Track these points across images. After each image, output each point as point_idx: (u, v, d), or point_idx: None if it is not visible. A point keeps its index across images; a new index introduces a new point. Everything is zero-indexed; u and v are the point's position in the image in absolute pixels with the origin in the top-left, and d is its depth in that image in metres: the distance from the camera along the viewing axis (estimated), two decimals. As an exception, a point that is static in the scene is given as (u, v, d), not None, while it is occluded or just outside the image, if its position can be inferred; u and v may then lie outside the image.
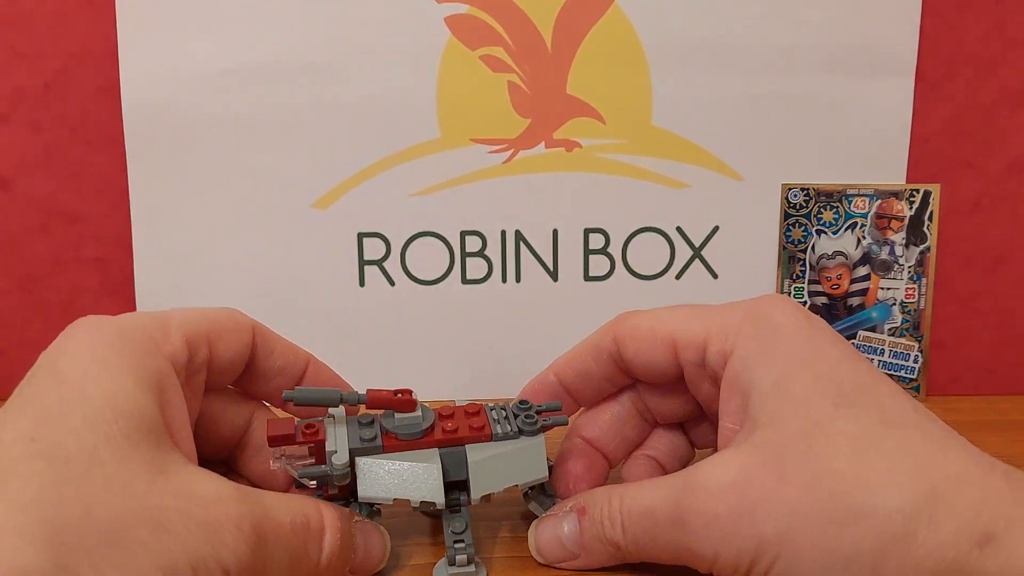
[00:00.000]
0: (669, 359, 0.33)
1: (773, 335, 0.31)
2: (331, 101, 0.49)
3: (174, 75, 0.48)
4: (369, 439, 0.33)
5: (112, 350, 0.28)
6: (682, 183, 0.51)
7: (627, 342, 0.34)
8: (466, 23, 0.49)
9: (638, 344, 0.34)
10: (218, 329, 0.32)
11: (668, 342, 0.33)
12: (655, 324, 0.34)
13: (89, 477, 0.25)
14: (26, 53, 0.49)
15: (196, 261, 0.50)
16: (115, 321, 0.30)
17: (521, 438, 0.34)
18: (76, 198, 0.51)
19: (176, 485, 0.26)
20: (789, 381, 0.29)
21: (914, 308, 0.51)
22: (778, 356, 0.30)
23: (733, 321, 0.32)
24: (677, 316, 0.34)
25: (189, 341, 0.31)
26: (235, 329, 0.33)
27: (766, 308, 0.32)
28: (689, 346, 0.33)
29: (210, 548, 0.26)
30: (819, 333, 0.31)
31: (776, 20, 0.49)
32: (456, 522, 0.33)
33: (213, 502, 0.26)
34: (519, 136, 0.50)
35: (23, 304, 0.51)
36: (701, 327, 0.32)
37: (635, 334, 0.34)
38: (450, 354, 0.52)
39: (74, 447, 0.25)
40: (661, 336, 0.33)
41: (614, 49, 0.49)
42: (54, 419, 0.26)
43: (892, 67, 0.50)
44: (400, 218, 0.51)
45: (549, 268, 0.52)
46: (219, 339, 0.32)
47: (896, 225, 0.51)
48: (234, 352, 0.33)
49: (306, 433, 0.32)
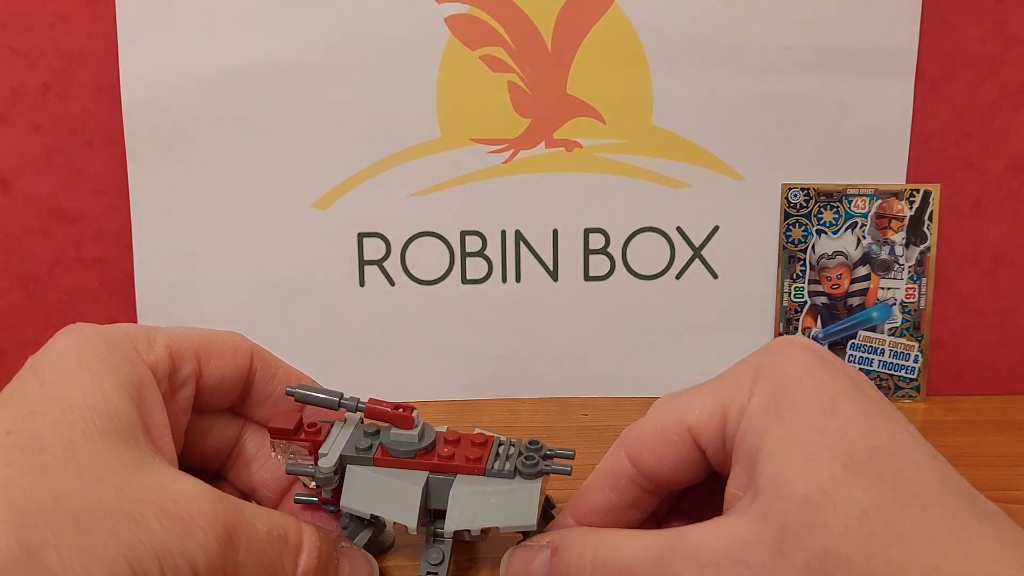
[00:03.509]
0: (692, 451, 0.29)
1: (783, 388, 0.27)
2: (331, 101, 0.49)
3: (174, 75, 0.48)
4: (364, 448, 0.32)
5: (95, 355, 0.29)
6: (682, 183, 0.51)
7: (642, 453, 0.30)
8: (466, 23, 0.49)
9: (654, 449, 0.30)
10: (211, 348, 0.32)
11: (683, 433, 0.29)
12: (663, 421, 0.30)
13: (63, 467, 0.25)
14: (26, 53, 0.49)
15: (196, 261, 0.50)
16: (101, 329, 0.30)
17: (516, 479, 0.32)
18: (76, 198, 0.51)
19: (151, 480, 0.26)
20: (795, 439, 0.26)
21: (914, 308, 0.51)
22: (786, 411, 0.27)
23: (744, 382, 0.28)
24: (685, 400, 0.30)
25: (174, 353, 0.31)
26: (231, 351, 0.33)
27: (776, 358, 0.28)
28: (707, 428, 0.29)
29: (179, 543, 0.25)
30: (835, 380, 0.27)
31: (776, 20, 0.49)
32: (433, 552, 0.32)
33: (187, 498, 0.26)
34: (519, 136, 0.50)
35: (23, 304, 0.51)
36: (714, 403, 0.29)
37: (647, 440, 0.30)
38: (450, 354, 0.52)
39: (50, 440, 0.26)
40: (674, 430, 0.29)
41: (614, 49, 0.49)
42: (33, 415, 0.26)
43: (892, 67, 0.50)
44: (400, 218, 0.51)
45: (549, 268, 0.52)
46: (211, 357, 0.32)
47: (896, 225, 0.51)
48: (227, 372, 0.33)
49: (308, 431, 0.32)
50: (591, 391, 0.53)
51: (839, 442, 0.25)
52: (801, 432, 0.26)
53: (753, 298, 0.52)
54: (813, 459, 0.25)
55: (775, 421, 0.27)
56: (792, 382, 0.27)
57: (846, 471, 0.25)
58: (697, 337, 0.52)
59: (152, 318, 0.51)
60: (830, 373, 0.28)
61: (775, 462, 0.26)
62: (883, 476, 0.25)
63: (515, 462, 0.33)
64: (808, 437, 0.26)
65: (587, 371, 0.53)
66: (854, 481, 0.24)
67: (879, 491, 0.24)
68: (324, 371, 0.51)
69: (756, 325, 0.52)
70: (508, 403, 0.52)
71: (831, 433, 0.26)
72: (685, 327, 0.52)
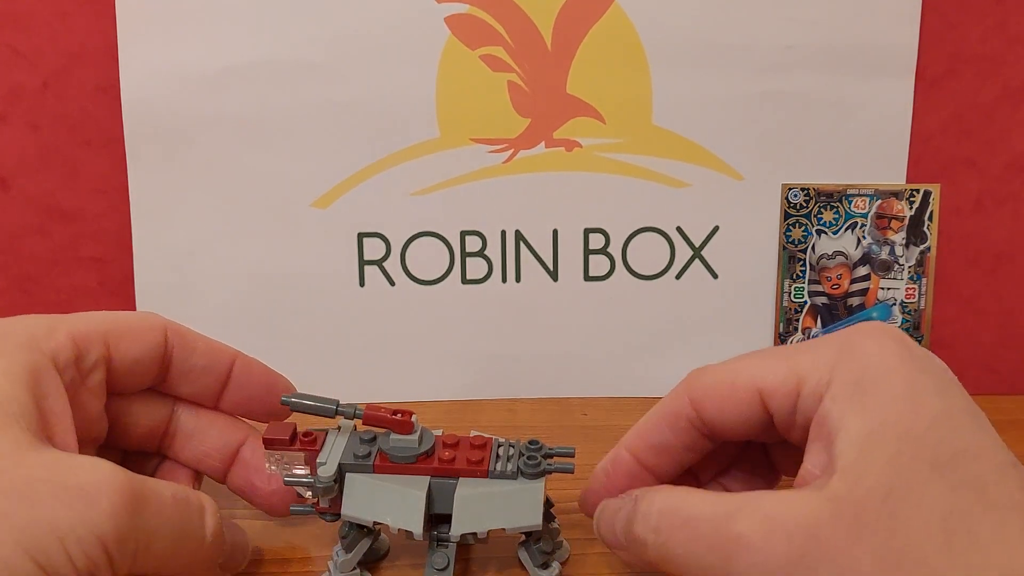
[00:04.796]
0: (758, 412, 0.29)
1: (868, 375, 0.27)
2: (331, 101, 0.49)
3: (174, 75, 0.48)
4: (362, 456, 0.32)
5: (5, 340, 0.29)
6: (682, 183, 0.51)
7: (705, 402, 0.30)
8: (466, 23, 0.49)
9: (719, 402, 0.30)
10: (120, 329, 0.32)
11: (753, 392, 0.29)
12: (734, 376, 0.30)
13: None
14: (26, 53, 0.49)
15: (196, 261, 0.50)
16: (2, 321, 0.31)
17: (519, 480, 0.32)
18: (75, 198, 0.50)
19: (47, 459, 0.26)
20: (881, 431, 0.26)
21: (914, 308, 0.51)
22: (871, 401, 0.26)
23: (826, 358, 0.28)
24: (757, 362, 0.30)
25: (76, 339, 0.31)
26: (142, 329, 0.33)
27: (862, 342, 0.28)
28: (777, 393, 0.29)
29: (83, 516, 0.25)
30: (922, 376, 0.27)
31: (776, 20, 0.49)
32: (438, 557, 0.32)
33: (88, 469, 0.26)
34: (519, 136, 0.50)
35: (22, 304, 0.51)
36: (789, 370, 0.29)
37: (713, 391, 0.30)
38: (450, 354, 0.52)
39: None
40: (744, 388, 0.29)
41: (614, 49, 0.49)
42: None
43: (892, 67, 0.50)
44: (400, 218, 0.51)
45: (549, 268, 0.52)
46: (120, 339, 0.32)
47: (896, 225, 0.51)
48: (140, 352, 0.33)
49: (303, 440, 0.32)
50: (591, 391, 0.53)
51: (926, 442, 0.25)
52: (888, 426, 0.26)
53: (753, 298, 0.52)
54: (899, 455, 0.25)
55: (860, 409, 0.26)
56: (879, 371, 0.27)
57: (932, 471, 0.24)
58: (697, 337, 0.52)
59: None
60: (918, 367, 0.27)
61: (859, 450, 0.25)
62: (966, 480, 0.24)
63: (517, 463, 0.33)
64: (894, 433, 0.25)
65: (587, 371, 0.53)
66: (939, 482, 0.24)
67: (961, 495, 0.24)
68: (324, 371, 0.52)
69: (756, 325, 0.52)
70: (508, 403, 0.52)
71: (918, 432, 0.25)
72: (685, 327, 0.52)
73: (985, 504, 0.24)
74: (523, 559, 0.34)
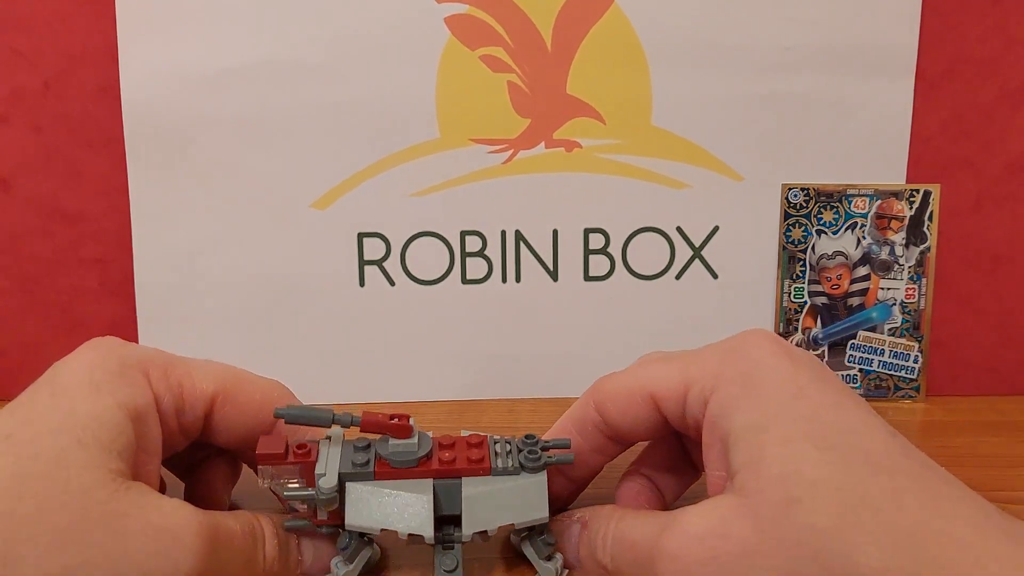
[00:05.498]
0: (653, 414, 0.32)
1: (752, 375, 0.29)
2: (331, 101, 0.49)
3: (174, 75, 0.48)
4: (361, 464, 0.31)
5: (106, 373, 0.30)
6: (682, 183, 0.51)
7: (607, 407, 0.33)
8: (466, 23, 0.49)
9: (619, 406, 0.32)
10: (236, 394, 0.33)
11: (647, 397, 0.32)
12: (631, 382, 0.32)
13: (51, 476, 0.26)
14: (26, 53, 0.49)
15: (196, 261, 0.50)
16: (121, 349, 0.32)
17: (522, 474, 0.32)
18: (76, 198, 0.51)
19: (136, 495, 0.28)
20: (768, 423, 0.28)
21: (914, 308, 0.51)
22: (757, 397, 0.29)
23: (711, 364, 0.30)
24: (653, 369, 0.32)
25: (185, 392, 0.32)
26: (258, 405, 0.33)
27: (744, 346, 0.30)
28: (669, 398, 0.31)
29: (166, 553, 0.27)
30: (803, 371, 0.29)
31: (776, 20, 0.49)
32: (447, 559, 0.32)
33: (171, 511, 0.28)
34: (519, 136, 0.50)
35: (23, 304, 0.51)
36: (679, 376, 0.31)
37: (614, 396, 0.33)
38: (450, 354, 0.52)
39: (45, 445, 0.27)
40: (639, 393, 0.32)
41: (614, 49, 0.49)
42: (35, 422, 0.28)
43: (892, 67, 0.50)
44: (400, 218, 0.51)
45: (549, 268, 0.52)
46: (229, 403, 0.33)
47: (896, 225, 0.51)
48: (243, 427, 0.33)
49: (297, 453, 0.31)
50: (591, 391, 0.53)
51: (812, 426, 0.27)
52: (774, 416, 0.28)
53: (753, 298, 0.52)
54: (788, 441, 0.27)
55: (747, 406, 0.28)
56: (761, 370, 0.29)
57: (819, 451, 0.26)
58: (697, 337, 0.52)
59: (152, 318, 0.51)
60: (796, 363, 0.29)
61: (750, 444, 0.28)
62: (854, 454, 0.26)
63: (517, 458, 0.33)
64: (781, 421, 0.27)
65: (587, 371, 0.52)
66: (828, 459, 0.26)
67: (852, 468, 0.26)
68: (324, 371, 0.52)
69: (756, 325, 0.51)
70: (508, 403, 0.52)
71: (804, 417, 0.27)
72: (685, 327, 0.52)
73: (874, 470, 0.26)
74: (527, 553, 0.34)
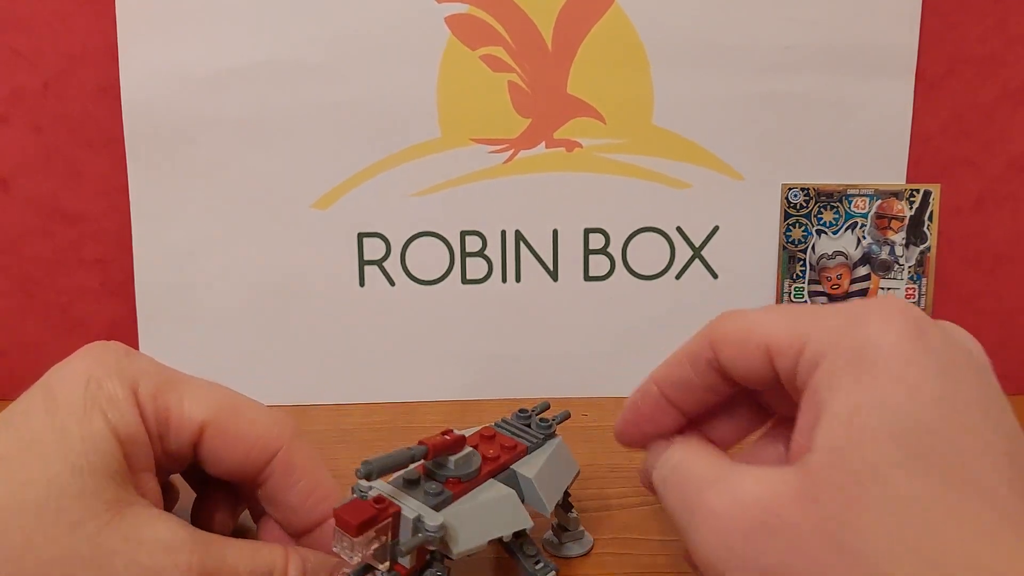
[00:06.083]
0: (766, 366, 0.29)
1: (866, 353, 0.26)
2: (331, 101, 0.49)
3: (174, 75, 0.48)
4: (436, 492, 0.31)
5: (101, 390, 0.29)
6: (682, 183, 0.51)
7: (722, 347, 0.30)
8: (466, 23, 0.49)
9: (733, 349, 0.30)
10: (226, 427, 0.31)
11: (762, 347, 0.29)
12: (749, 327, 0.30)
13: (42, 506, 0.26)
14: (26, 53, 0.49)
15: (196, 261, 0.50)
16: (120, 361, 0.30)
17: (547, 442, 0.35)
18: (76, 198, 0.51)
19: (128, 528, 0.27)
20: (866, 411, 0.25)
21: (914, 308, 0.51)
22: (863, 380, 0.25)
23: (830, 327, 0.27)
24: (772, 318, 0.30)
25: (173, 418, 0.31)
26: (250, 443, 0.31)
27: (868, 316, 0.27)
28: (783, 352, 0.28)
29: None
30: (929, 360, 0.25)
31: (776, 20, 0.49)
32: (528, 546, 0.33)
33: (162, 549, 0.27)
34: (519, 136, 0.50)
35: (23, 305, 0.51)
36: (796, 331, 0.28)
37: (729, 338, 0.30)
38: (450, 354, 0.52)
39: (38, 472, 0.26)
40: (755, 340, 0.29)
41: (614, 49, 0.49)
42: (29, 442, 0.27)
43: (892, 67, 0.50)
44: (400, 218, 0.51)
45: (549, 268, 0.52)
46: (219, 436, 0.31)
47: (896, 225, 0.51)
48: (230, 463, 0.31)
49: (380, 508, 0.29)
50: (591, 391, 0.53)
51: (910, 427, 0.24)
52: (874, 407, 0.25)
53: (753, 298, 0.52)
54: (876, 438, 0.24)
55: (851, 385, 0.25)
56: (879, 347, 0.26)
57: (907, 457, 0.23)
58: (697, 337, 0.52)
59: (152, 318, 0.51)
60: (924, 348, 0.26)
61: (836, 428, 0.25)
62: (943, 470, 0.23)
63: (535, 431, 0.35)
64: (879, 414, 0.24)
65: (587, 371, 0.53)
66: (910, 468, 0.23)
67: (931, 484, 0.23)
68: (324, 371, 0.52)
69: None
70: (508, 403, 0.52)
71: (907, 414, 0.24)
72: (685, 327, 0.52)
73: (961, 496, 0.23)
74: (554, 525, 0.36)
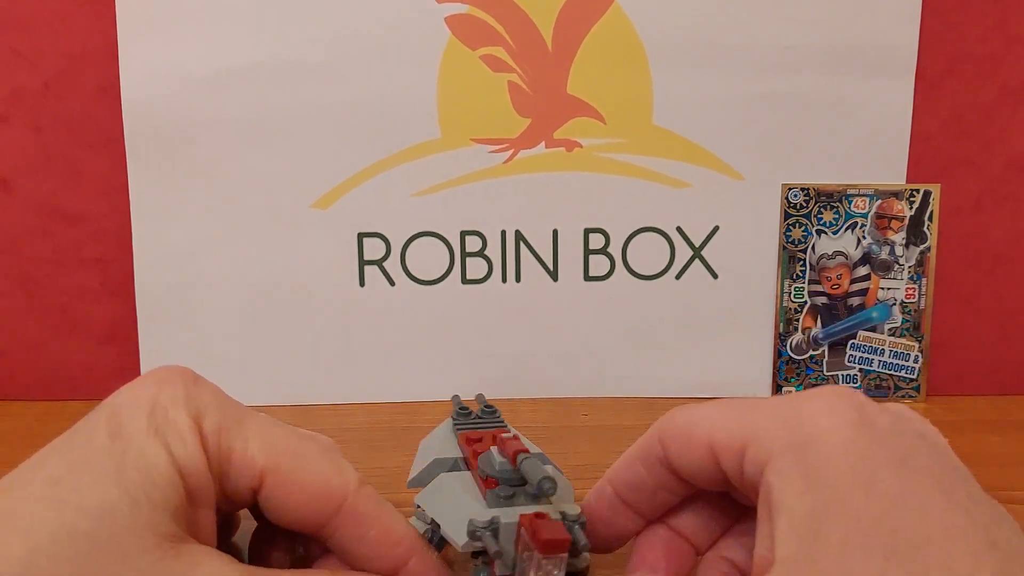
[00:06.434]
0: (712, 467, 0.28)
1: (812, 448, 0.24)
2: (331, 101, 0.49)
3: (174, 75, 0.48)
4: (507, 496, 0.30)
5: (168, 422, 0.28)
6: (682, 183, 0.51)
7: (671, 446, 0.29)
8: (466, 23, 0.49)
9: (681, 448, 0.28)
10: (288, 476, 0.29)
11: (706, 446, 0.28)
12: (693, 425, 0.28)
13: (94, 536, 0.25)
14: (26, 53, 0.49)
15: (196, 261, 0.50)
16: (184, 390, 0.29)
17: None
18: (76, 198, 0.51)
19: (181, 567, 0.26)
20: (825, 515, 0.23)
21: (914, 308, 0.51)
22: (814, 478, 0.24)
23: (772, 423, 0.26)
24: (714, 415, 0.28)
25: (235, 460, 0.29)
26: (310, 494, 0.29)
27: (812, 408, 0.25)
28: (726, 451, 0.27)
29: None
30: (881, 451, 0.24)
31: (776, 20, 0.49)
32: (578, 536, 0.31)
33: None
34: (519, 136, 0.50)
35: (23, 305, 0.51)
36: (738, 428, 0.27)
37: (678, 436, 0.29)
38: (450, 354, 0.52)
39: (93, 499, 0.25)
40: (699, 439, 0.28)
41: (614, 49, 0.49)
42: (86, 467, 0.26)
43: (892, 67, 0.50)
44: (400, 218, 0.51)
45: (549, 268, 0.52)
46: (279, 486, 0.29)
47: (896, 225, 0.51)
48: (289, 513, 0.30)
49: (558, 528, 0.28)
50: (591, 391, 0.53)
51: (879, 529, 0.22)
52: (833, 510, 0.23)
53: (753, 298, 0.52)
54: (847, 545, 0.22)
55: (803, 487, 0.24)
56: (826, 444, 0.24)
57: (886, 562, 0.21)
58: (697, 337, 0.52)
59: (152, 318, 0.51)
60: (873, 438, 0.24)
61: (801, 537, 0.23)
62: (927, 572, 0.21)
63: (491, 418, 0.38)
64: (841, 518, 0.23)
65: (587, 371, 0.53)
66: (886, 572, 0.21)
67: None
68: (324, 371, 0.52)
69: (756, 325, 0.52)
70: (508, 403, 0.52)
71: (869, 514, 0.22)
72: (685, 327, 0.52)
73: None
74: None
